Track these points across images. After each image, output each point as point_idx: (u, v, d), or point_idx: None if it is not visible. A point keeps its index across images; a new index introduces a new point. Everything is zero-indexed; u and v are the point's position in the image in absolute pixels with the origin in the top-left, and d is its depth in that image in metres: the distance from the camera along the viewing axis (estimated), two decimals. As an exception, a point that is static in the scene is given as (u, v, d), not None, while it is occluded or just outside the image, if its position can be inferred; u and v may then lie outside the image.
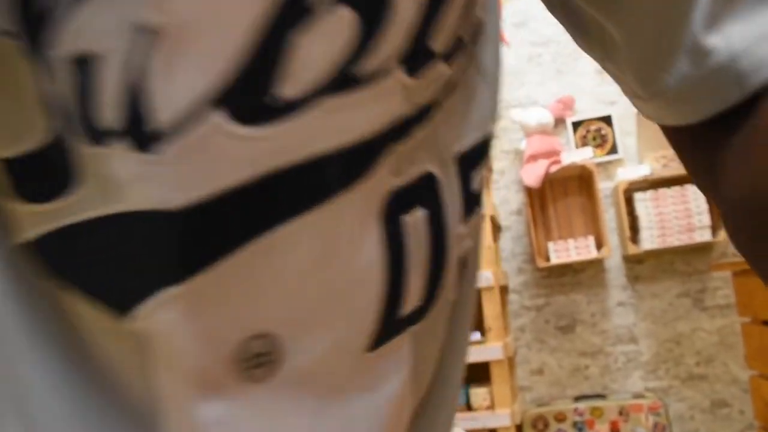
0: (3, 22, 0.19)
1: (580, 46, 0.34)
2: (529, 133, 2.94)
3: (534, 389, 2.95)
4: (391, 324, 0.26)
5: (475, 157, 0.31)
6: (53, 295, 0.23)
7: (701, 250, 2.83)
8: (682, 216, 2.67)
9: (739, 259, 2.13)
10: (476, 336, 2.54)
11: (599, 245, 2.81)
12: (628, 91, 0.33)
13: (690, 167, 0.34)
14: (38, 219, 0.22)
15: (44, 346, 0.23)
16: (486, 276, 2.53)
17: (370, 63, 0.21)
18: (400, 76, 0.23)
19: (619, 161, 2.96)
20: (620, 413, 2.59)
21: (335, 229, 0.23)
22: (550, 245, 2.84)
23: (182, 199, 0.20)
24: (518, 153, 3.04)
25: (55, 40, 0.19)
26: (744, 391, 2.72)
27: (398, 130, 0.24)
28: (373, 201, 0.24)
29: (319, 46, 0.20)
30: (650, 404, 2.58)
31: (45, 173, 0.22)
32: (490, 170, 2.99)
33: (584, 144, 2.98)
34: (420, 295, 0.27)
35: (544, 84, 3.10)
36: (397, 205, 0.25)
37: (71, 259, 0.23)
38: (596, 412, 2.62)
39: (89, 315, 0.23)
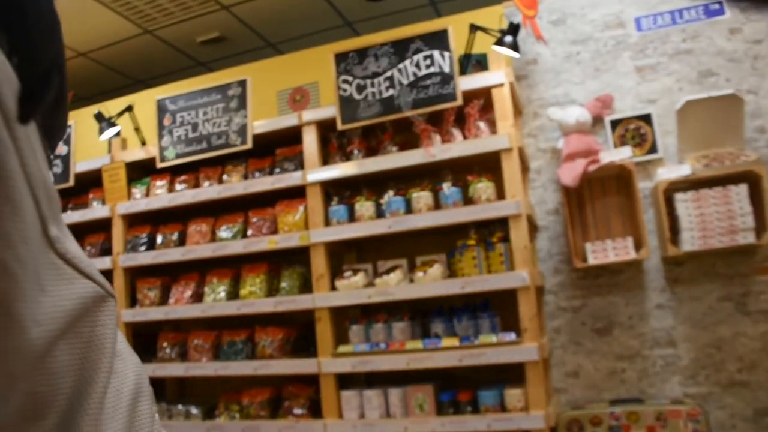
0: None
1: None
2: (566, 131, 2.92)
3: (569, 392, 2.92)
4: None
5: None
6: None
7: (744, 252, 2.78)
8: (724, 217, 2.63)
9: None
10: (512, 336, 2.54)
11: (638, 246, 2.78)
12: None
13: None
14: None
15: None
16: (522, 276, 2.52)
17: None
18: None
19: (658, 161, 2.93)
20: (658, 419, 2.55)
21: None
22: (588, 246, 2.82)
23: None
24: (555, 152, 3.03)
25: None
26: (789, 399, 2.66)
27: None
28: None
29: None
30: (689, 411, 2.54)
31: None
32: (527, 169, 2.98)
33: (623, 143, 2.96)
34: None
35: (582, 82, 3.08)
36: None
37: None
38: (633, 416, 2.58)
39: None
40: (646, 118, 2.97)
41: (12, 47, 0.34)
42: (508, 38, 2.84)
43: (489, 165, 2.76)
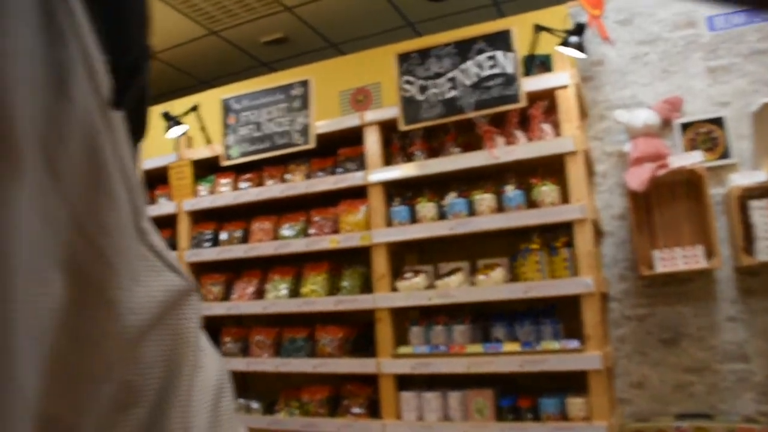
0: None
1: None
2: (633, 135, 2.86)
3: (633, 403, 2.86)
4: None
5: None
6: None
7: (823, 263, 2.67)
8: (802, 226, 2.52)
9: None
10: (575, 344, 2.51)
11: (709, 255, 2.69)
12: None
13: None
14: None
15: None
16: (586, 282, 2.49)
17: None
18: None
19: (731, 166, 2.84)
20: (728, 433, 2.47)
21: None
22: (655, 253, 2.75)
23: None
24: (622, 155, 2.97)
25: None
26: None
27: None
28: None
29: None
30: (763, 429, 2.45)
31: None
32: (592, 173, 2.93)
33: (693, 147, 2.88)
34: None
35: (650, 84, 3.02)
36: None
37: None
38: None
39: None
40: (718, 122, 2.88)
41: (108, 35, 0.35)
42: (574, 38, 2.80)
43: (553, 168, 2.72)
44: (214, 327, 3.42)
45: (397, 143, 3.06)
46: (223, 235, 3.41)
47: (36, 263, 0.25)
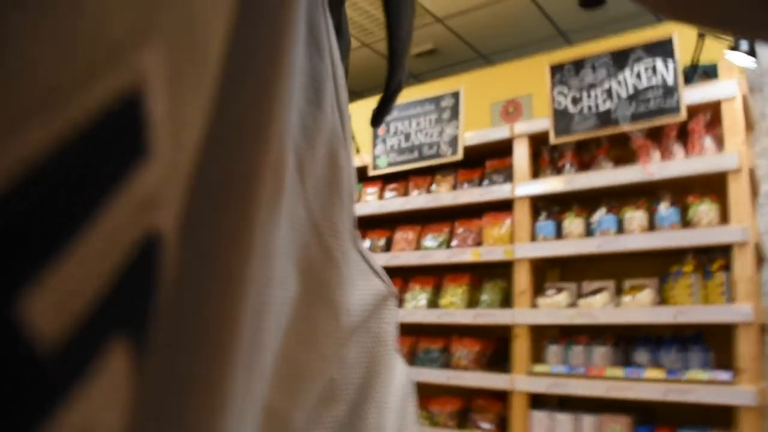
0: None
1: None
2: (810, 153, 2.71)
3: (794, 446, 2.68)
4: None
5: None
6: None
7: None
8: None
9: None
10: (726, 376, 2.42)
11: None
12: None
13: None
14: None
15: None
16: (744, 310, 2.40)
17: None
18: None
19: None
20: None
21: None
22: (827, 283, 2.58)
23: None
24: (792, 174, 2.81)
25: None
26: None
27: None
28: None
29: None
30: None
31: None
32: (756, 193, 2.80)
33: None
34: None
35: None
36: None
37: None
38: None
39: None
40: None
41: (390, 53, 0.40)
42: (744, 44, 2.70)
43: (712, 186, 2.64)
44: (354, 332, 3.60)
45: (546, 156, 3.11)
46: (367, 243, 3.60)
47: (283, 264, 0.27)
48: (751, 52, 2.71)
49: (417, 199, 3.40)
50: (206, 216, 0.21)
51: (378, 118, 0.44)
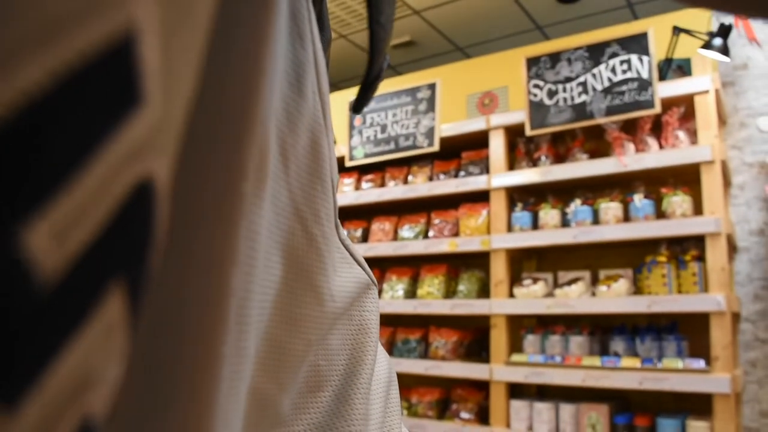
0: None
1: None
2: (780, 146, 2.76)
3: (764, 432, 2.75)
4: None
5: None
6: None
7: None
8: None
9: None
10: (700, 364, 2.47)
11: None
12: None
13: None
14: None
15: None
16: (717, 299, 2.44)
17: None
18: None
19: None
20: None
21: None
22: (797, 272, 2.65)
23: None
24: (764, 166, 2.87)
25: None
26: None
27: None
28: None
29: None
30: None
31: None
32: (728, 184, 2.86)
33: None
34: None
35: (804, 92, 2.90)
36: None
37: None
38: (841, 467, 2.39)
39: None
40: None
41: (370, 39, 0.40)
42: (718, 41, 2.75)
43: (686, 178, 2.69)
44: (331, 323, 3.61)
45: (522, 148, 3.13)
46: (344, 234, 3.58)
47: (266, 246, 0.27)
48: (724, 50, 2.76)
49: (394, 190, 3.40)
50: (195, 179, 0.21)
51: (359, 104, 0.44)
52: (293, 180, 0.30)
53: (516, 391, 2.93)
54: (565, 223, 2.91)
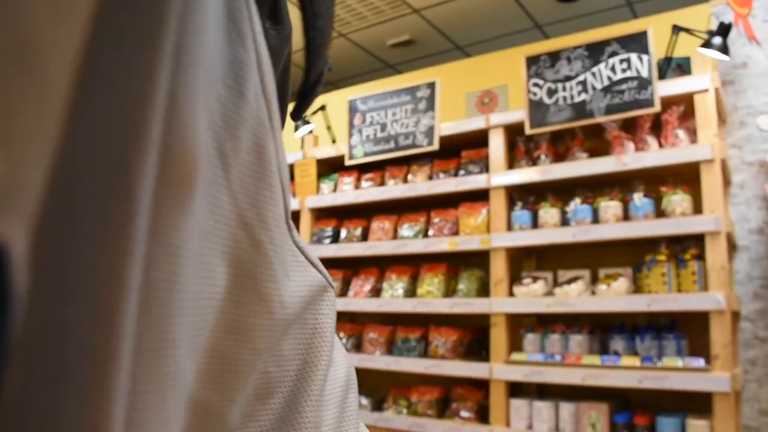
0: None
1: None
2: (779, 144, 2.76)
3: None
4: None
5: None
6: None
7: None
8: None
9: None
10: (700, 362, 2.46)
11: None
12: None
13: None
14: None
15: None
16: (717, 298, 2.44)
17: None
18: None
19: None
20: None
21: None
22: (796, 271, 2.64)
23: None
24: (764, 165, 2.87)
25: None
26: None
27: None
28: None
29: None
30: None
31: None
32: (728, 183, 2.85)
33: None
34: None
35: (803, 90, 2.89)
36: None
37: None
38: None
39: None
40: None
41: (306, 44, 0.39)
42: (717, 39, 2.74)
43: (686, 176, 2.68)
44: (330, 322, 3.60)
45: (521, 147, 3.12)
46: (343, 233, 3.59)
47: (203, 255, 0.26)
48: (723, 48, 2.75)
49: (393, 189, 3.40)
50: (71, 222, 0.19)
51: (297, 111, 0.43)
52: (236, 186, 0.29)
53: (516, 390, 2.92)
54: (564, 221, 2.90)
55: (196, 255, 0.25)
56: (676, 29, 2.90)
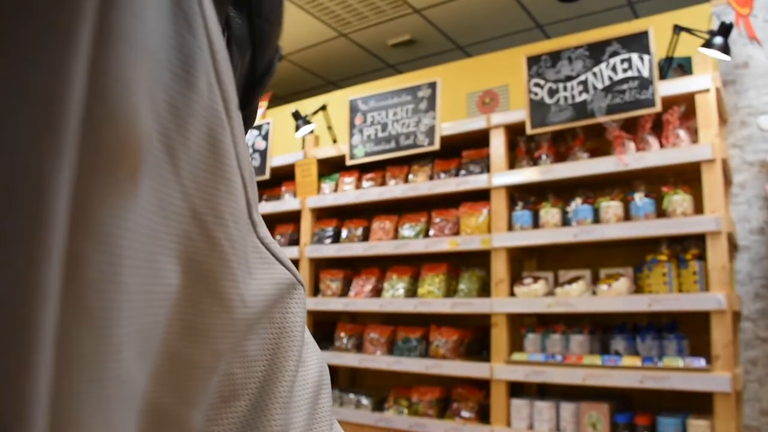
0: None
1: None
2: (780, 144, 2.75)
3: None
4: None
5: None
6: None
7: None
8: None
9: None
10: (701, 362, 2.46)
11: None
12: None
13: None
14: None
15: None
16: (718, 298, 2.43)
17: None
18: None
19: None
20: None
21: None
22: (797, 271, 2.64)
23: None
24: (764, 165, 2.86)
25: None
26: None
27: None
28: None
29: None
30: None
31: None
32: (729, 183, 2.85)
33: None
34: None
35: (804, 91, 2.88)
36: None
37: None
38: (842, 465, 2.39)
39: None
40: None
41: (252, 32, 0.38)
42: (718, 39, 2.74)
43: (687, 176, 2.68)
44: (330, 322, 3.61)
45: (522, 147, 3.12)
46: (344, 233, 3.59)
47: (150, 254, 0.25)
48: (724, 48, 2.75)
49: (394, 189, 3.39)
50: None
51: (244, 103, 0.41)
52: (187, 181, 0.27)
53: (516, 390, 2.92)
54: (565, 221, 2.90)
55: (141, 254, 0.24)
56: (677, 29, 2.90)
